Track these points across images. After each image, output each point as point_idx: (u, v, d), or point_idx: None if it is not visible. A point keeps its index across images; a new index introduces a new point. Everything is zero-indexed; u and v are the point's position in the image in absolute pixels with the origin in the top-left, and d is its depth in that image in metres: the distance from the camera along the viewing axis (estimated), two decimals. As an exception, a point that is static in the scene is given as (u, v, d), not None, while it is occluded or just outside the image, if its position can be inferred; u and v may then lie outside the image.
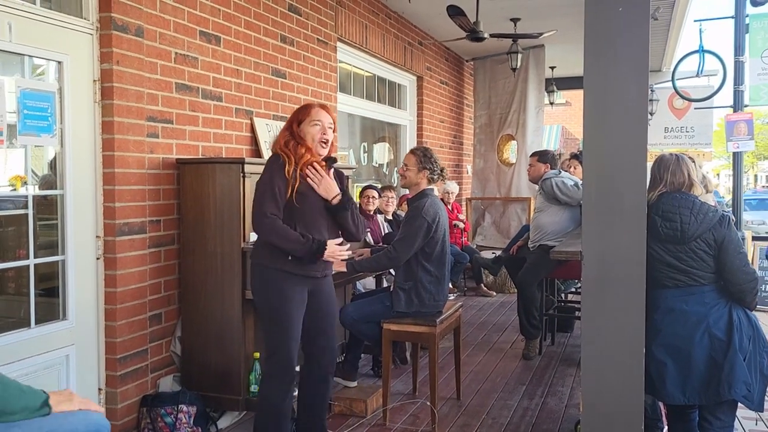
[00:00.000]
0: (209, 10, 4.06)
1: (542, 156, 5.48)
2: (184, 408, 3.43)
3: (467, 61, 9.69)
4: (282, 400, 2.98)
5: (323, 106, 3.08)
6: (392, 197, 6.37)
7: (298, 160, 2.96)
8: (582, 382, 2.43)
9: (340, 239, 3.09)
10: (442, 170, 3.92)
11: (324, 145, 3.03)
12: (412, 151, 3.94)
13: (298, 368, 3.09)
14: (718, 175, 39.39)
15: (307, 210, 2.98)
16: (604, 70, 2.32)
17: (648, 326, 2.40)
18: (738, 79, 6.95)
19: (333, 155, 3.11)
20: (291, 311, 2.96)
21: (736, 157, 7.16)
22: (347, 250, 3.16)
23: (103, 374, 3.39)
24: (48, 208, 3.23)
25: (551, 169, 5.35)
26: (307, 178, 2.97)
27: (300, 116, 3.06)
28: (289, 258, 2.94)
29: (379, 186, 6.41)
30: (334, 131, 3.10)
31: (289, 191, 2.92)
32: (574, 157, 6.03)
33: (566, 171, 5.59)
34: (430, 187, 3.91)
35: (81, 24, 3.25)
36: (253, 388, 3.58)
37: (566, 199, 5.08)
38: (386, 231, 5.91)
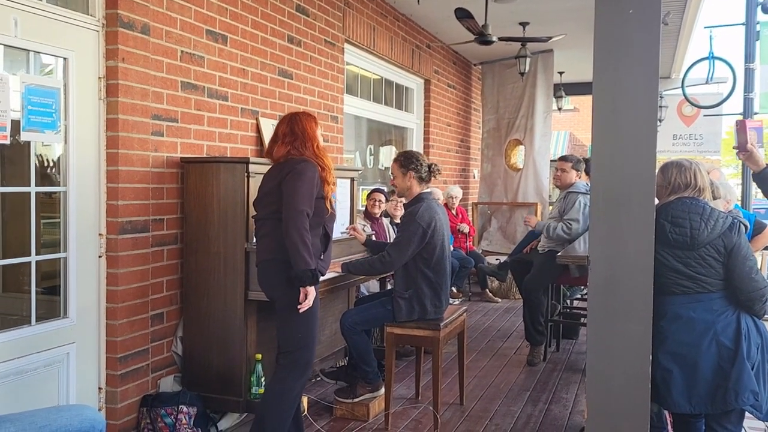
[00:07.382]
0: (216, 9, 4.04)
1: (576, 163, 5.25)
2: (185, 408, 3.40)
3: (475, 65, 9.66)
4: (299, 395, 3.02)
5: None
6: (402, 201, 6.30)
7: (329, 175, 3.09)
8: (587, 388, 2.39)
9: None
10: (429, 167, 3.82)
11: None
12: (393, 160, 3.90)
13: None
14: (726, 183, 39.08)
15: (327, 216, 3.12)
16: (614, 73, 2.28)
17: (654, 333, 2.36)
18: (748, 86, 6.91)
19: None
20: (317, 308, 2.99)
21: (746, 166, 7.10)
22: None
23: (104, 373, 3.37)
24: (51, 205, 3.22)
25: (581, 179, 5.17)
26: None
27: (315, 125, 3.15)
28: (321, 257, 3.05)
29: (387, 190, 6.37)
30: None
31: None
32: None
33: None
34: (426, 190, 3.83)
35: (87, 20, 3.23)
36: (254, 389, 3.55)
37: (570, 229, 4.98)
38: (394, 235, 5.85)
